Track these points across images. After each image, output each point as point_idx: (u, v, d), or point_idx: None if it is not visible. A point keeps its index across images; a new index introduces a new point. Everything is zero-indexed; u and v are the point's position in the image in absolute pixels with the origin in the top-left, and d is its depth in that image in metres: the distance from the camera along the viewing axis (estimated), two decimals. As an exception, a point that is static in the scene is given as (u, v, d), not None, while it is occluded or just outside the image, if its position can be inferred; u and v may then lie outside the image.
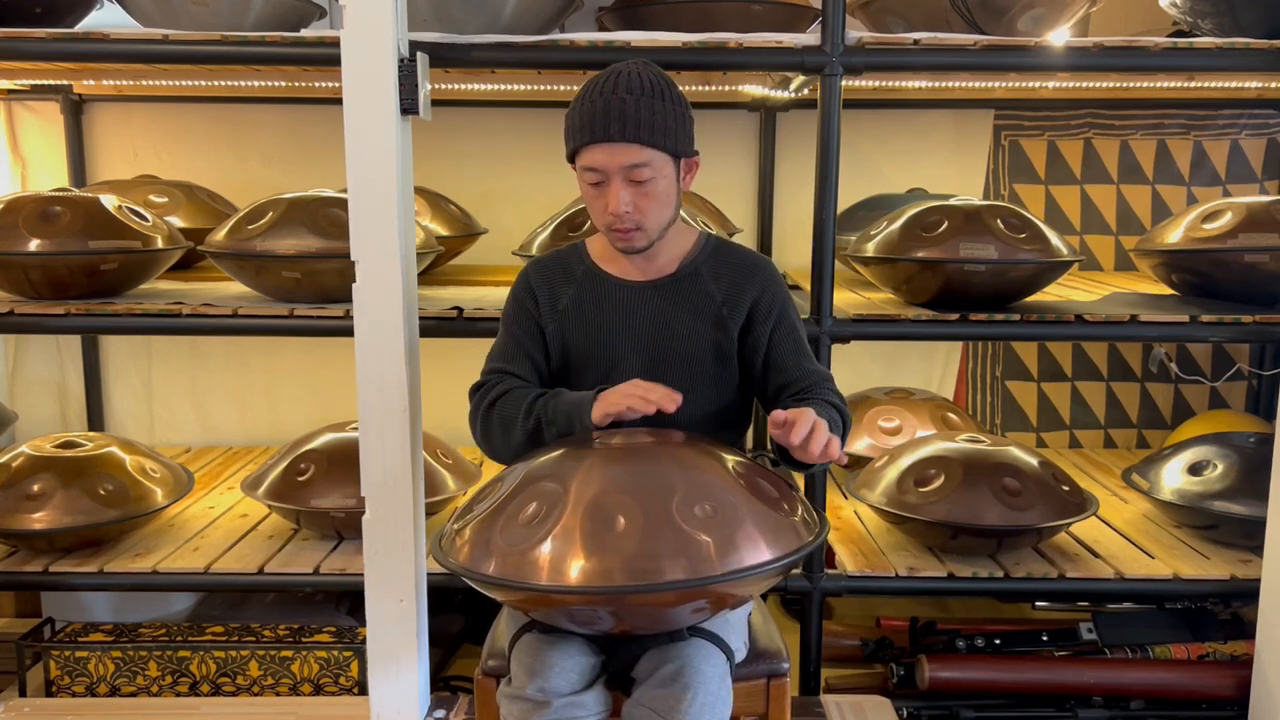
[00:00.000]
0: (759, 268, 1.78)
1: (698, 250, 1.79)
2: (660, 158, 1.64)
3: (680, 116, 1.67)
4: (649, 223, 1.67)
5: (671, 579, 1.34)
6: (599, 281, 1.78)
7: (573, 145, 1.66)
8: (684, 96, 1.69)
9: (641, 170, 1.63)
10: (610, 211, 1.65)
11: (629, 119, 1.60)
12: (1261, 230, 2.40)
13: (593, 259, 1.80)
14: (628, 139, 1.61)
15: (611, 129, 1.60)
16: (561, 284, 1.79)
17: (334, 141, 2.08)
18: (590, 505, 1.41)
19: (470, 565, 1.44)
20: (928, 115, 3.28)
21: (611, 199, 1.64)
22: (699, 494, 1.43)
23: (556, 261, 1.83)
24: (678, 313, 1.74)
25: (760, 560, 1.39)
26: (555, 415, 1.66)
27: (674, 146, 1.66)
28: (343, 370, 3.15)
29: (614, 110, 1.61)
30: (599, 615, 1.43)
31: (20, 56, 2.26)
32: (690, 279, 1.76)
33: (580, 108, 1.64)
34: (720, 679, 1.51)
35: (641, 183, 1.64)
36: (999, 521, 2.32)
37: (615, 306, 1.75)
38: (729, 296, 1.75)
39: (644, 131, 1.61)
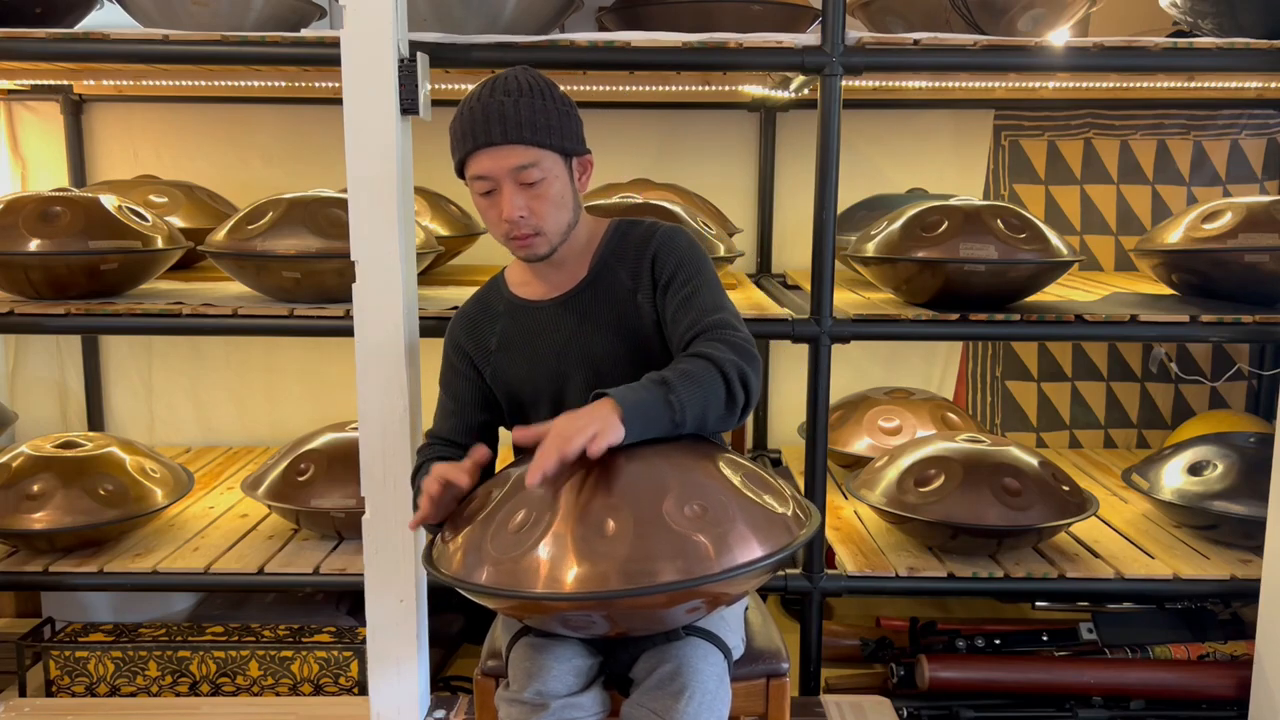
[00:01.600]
0: (653, 238, 1.70)
1: (604, 243, 1.73)
2: (548, 157, 1.60)
3: (564, 115, 1.63)
4: (547, 226, 1.62)
5: (664, 581, 1.34)
6: (520, 312, 1.74)
7: (458, 156, 1.62)
8: (567, 96, 1.65)
9: (530, 171, 1.59)
10: (505, 219, 1.60)
11: (509, 120, 1.57)
12: (1261, 230, 2.40)
13: (511, 289, 1.77)
14: (510, 140, 1.57)
15: (494, 132, 1.57)
16: (486, 326, 1.76)
17: (334, 141, 2.08)
18: (579, 510, 1.41)
19: (462, 574, 1.43)
20: (928, 115, 3.28)
21: (505, 205, 1.59)
22: (689, 494, 1.42)
23: (478, 305, 1.80)
24: (599, 320, 1.70)
25: (753, 557, 1.39)
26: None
27: (560, 144, 1.61)
28: (343, 370, 3.16)
29: (493, 113, 1.57)
30: (593, 620, 1.43)
31: (20, 56, 2.26)
32: (603, 276, 1.71)
33: (460, 118, 1.61)
34: (718, 678, 1.50)
35: (533, 184, 1.59)
36: (999, 521, 2.32)
37: (542, 331, 1.72)
38: (635, 277, 1.69)
39: (527, 130, 1.57)
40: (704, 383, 1.49)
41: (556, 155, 1.62)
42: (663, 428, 1.48)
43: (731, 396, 1.52)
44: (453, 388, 1.79)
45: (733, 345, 1.54)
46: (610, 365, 1.69)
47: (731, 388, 1.51)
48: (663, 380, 1.49)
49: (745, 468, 1.55)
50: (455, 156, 1.64)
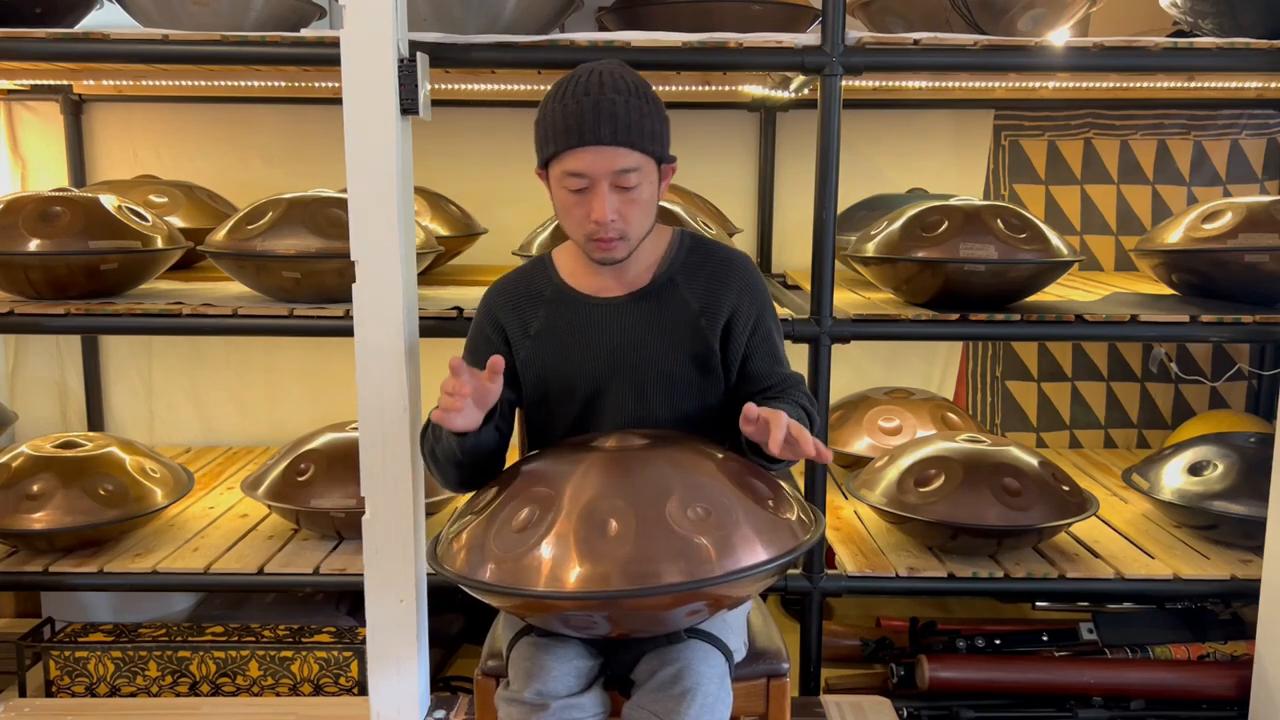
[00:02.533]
0: (734, 271, 1.70)
1: (672, 254, 1.71)
2: (648, 163, 1.57)
3: (663, 121, 1.61)
4: (632, 231, 1.59)
5: (667, 582, 1.34)
6: (571, 303, 1.70)
7: (554, 148, 1.56)
8: (661, 100, 1.63)
9: (630, 176, 1.54)
10: (594, 220, 1.56)
11: (619, 121, 1.52)
12: (1261, 230, 2.40)
13: (561, 277, 1.72)
14: (619, 142, 1.52)
15: (603, 131, 1.52)
16: (530, 308, 1.71)
17: (334, 141, 2.08)
18: (584, 510, 1.41)
19: (466, 572, 1.44)
20: (928, 115, 3.28)
21: (597, 206, 1.55)
22: (693, 496, 1.42)
23: (521, 283, 1.74)
24: (655, 328, 1.67)
25: (757, 560, 1.39)
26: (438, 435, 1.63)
27: (659, 151, 1.59)
28: (343, 370, 3.15)
29: (604, 111, 1.52)
30: (595, 620, 1.43)
31: (20, 56, 2.26)
32: (666, 289, 1.68)
33: (562, 108, 1.55)
34: (720, 680, 1.50)
35: (629, 189, 1.55)
36: (999, 521, 2.32)
37: (591, 327, 1.67)
38: (705, 305, 1.67)
39: (634, 135, 1.53)
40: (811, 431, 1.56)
41: (653, 161, 1.59)
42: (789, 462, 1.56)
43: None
44: (480, 355, 1.70)
45: (813, 402, 1.69)
46: (655, 377, 1.67)
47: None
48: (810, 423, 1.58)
49: (750, 471, 1.55)
50: (549, 148, 1.57)
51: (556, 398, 1.71)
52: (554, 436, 1.72)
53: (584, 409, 1.69)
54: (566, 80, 1.58)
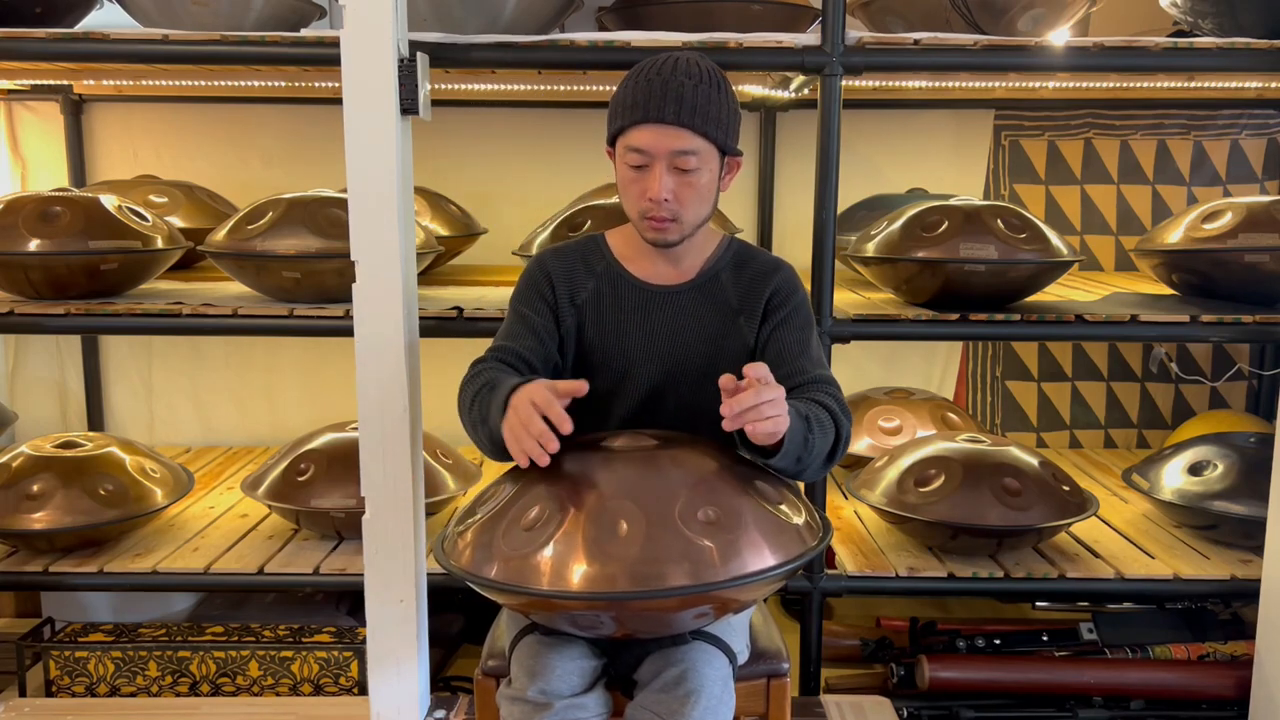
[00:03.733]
0: (778, 270, 1.73)
1: (719, 255, 1.74)
2: (709, 149, 1.59)
3: (733, 112, 1.63)
4: (686, 215, 1.62)
5: (674, 585, 1.34)
6: (620, 281, 1.72)
7: (620, 123, 1.60)
8: (735, 94, 1.65)
9: (689, 158, 1.57)
10: (649, 197, 1.59)
11: (685, 102, 1.55)
12: (1261, 230, 2.40)
13: (614, 256, 1.75)
14: (682, 123, 1.56)
15: (666, 110, 1.55)
16: (582, 276, 1.73)
17: (334, 141, 2.08)
18: (593, 510, 1.41)
19: (472, 569, 1.44)
20: (928, 115, 3.28)
21: (653, 183, 1.58)
22: (702, 499, 1.42)
23: (576, 252, 1.76)
24: (696, 321, 1.70)
25: (764, 566, 1.39)
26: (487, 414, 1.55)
27: (724, 140, 1.61)
28: (343, 370, 3.16)
29: (671, 92, 1.55)
30: (601, 620, 1.43)
31: (20, 56, 2.26)
32: (710, 285, 1.72)
33: (634, 86, 1.58)
34: (723, 682, 1.50)
35: (686, 171, 1.58)
36: (999, 521, 2.32)
37: (634, 309, 1.71)
38: (745, 303, 1.71)
39: (698, 118, 1.56)
40: (827, 434, 1.55)
41: (715, 149, 1.61)
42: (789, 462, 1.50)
43: (834, 453, 1.58)
44: (533, 306, 1.71)
45: (843, 408, 1.61)
46: (686, 369, 1.69)
47: (838, 444, 1.57)
48: (806, 418, 1.51)
49: (759, 474, 1.54)
50: (616, 123, 1.61)
51: (586, 372, 1.71)
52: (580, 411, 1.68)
53: (614, 388, 1.70)
54: (645, 62, 1.62)
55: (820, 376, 1.66)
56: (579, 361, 1.73)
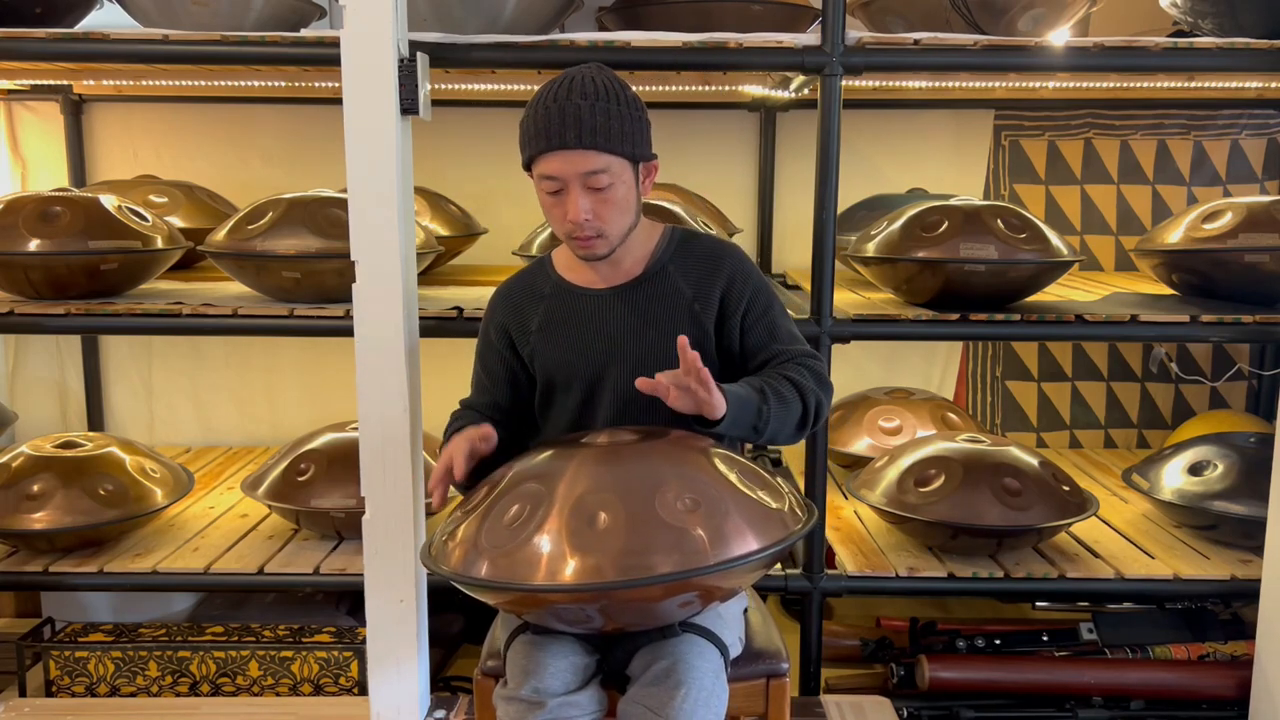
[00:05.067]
0: (725, 256, 1.75)
1: (663, 247, 1.76)
2: (618, 163, 1.62)
3: (636, 120, 1.65)
4: (610, 230, 1.65)
5: (659, 573, 1.34)
6: (567, 295, 1.76)
7: (528, 154, 1.64)
8: (639, 99, 1.67)
9: (600, 177, 1.60)
10: (570, 220, 1.62)
11: (584, 125, 1.58)
12: (1261, 230, 2.40)
13: (559, 272, 1.79)
14: (584, 145, 1.58)
15: (568, 136, 1.58)
16: (530, 306, 1.78)
17: (334, 141, 2.08)
18: (574, 503, 1.42)
19: (459, 569, 1.44)
20: (928, 115, 3.28)
21: (571, 207, 1.61)
22: (683, 488, 1.43)
23: (522, 283, 1.81)
24: (650, 314, 1.72)
25: (748, 550, 1.39)
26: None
27: (631, 151, 1.63)
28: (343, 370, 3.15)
29: (569, 116, 1.58)
30: (588, 613, 1.43)
31: (20, 56, 2.26)
32: (658, 277, 1.74)
33: (534, 115, 1.62)
34: (714, 674, 1.50)
35: (600, 189, 1.61)
36: (999, 521, 2.32)
37: (587, 318, 1.74)
38: (699, 290, 1.73)
39: (600, 137, 1.59)
40: (789, 404, 1.61)
41: (625, 161, 1.63)
42: (743, 430, 1.58)
43: (804, 420, 1.64)
44: (487, 363, 1.83)
45: (814, 373, 1.68)
46: (653, 362, 1.70)
47: (807, 413, 1.64)
48: (760, 390, 1.59)
49: (740, 464, 1.55)
50: (525, 154, 1.65)
51: (561, 386, 1.76)
52: (560, 424, 1.77)
53: (586, 396, 1.74)
54: (544, 87, 1.65)
55: (788, 352, 1.71)
56: (550, 379, 1.77)
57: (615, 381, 1.71)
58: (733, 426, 1.55)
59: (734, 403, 1.54)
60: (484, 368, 1.83)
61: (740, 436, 1.62)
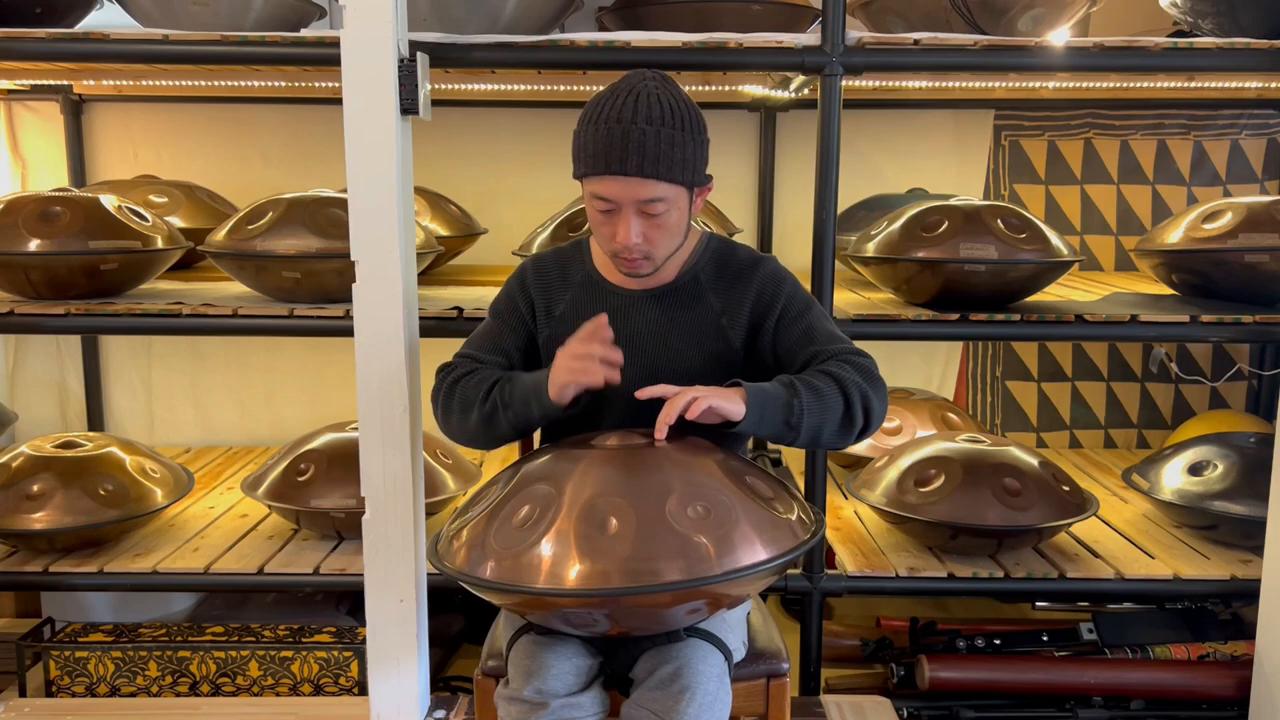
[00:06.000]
0: (755, 269, 1.72)
1: (698, 255, 1.74)
2: (676, 191, 1.57)
3: (699, 145, 1.59)
4: (658, 252, 1.62)
5: (667, 580, 1.34)
6: (597, 289, 1.73)
7: (583, 170, 1.58)
8: (702, 119, 1.60)
9: (656, 205, 1.55)
10: (619, 242, 1.58)
11: (648, 154, 1.52)
12: (1261, 230, 2.40)
13: (594, 264, 1.76)
14: (645, 174, 1.52)
15: (629, 163, 1.52)
16: (559, 288, 1.74)
17: (334, 141, 2.09)
18: (584, 507, 1.41)
19: (466, 569, 1.44)
20: (928, 115, 3.28)
21: (621, 230, 1.57)
22: (693, 495, 1.43)
23: (556, 262, 1.78)
24: (676, 324, 1.70)
25: (756, 560, 1.39)
26: (512, 399, 1.60)
27: (691, 179, 1.59)
28: (343, 370, 3.16)
29: (633, 143, 1.51)
30: (594, 617, 1.43)
31: (20, 56, 2.26)
32: (689, 288, 1.71)
33: (594, 132, 1.55)
34: (719, 679, 1.50)
35: (655, 215, 1.57)
36: (999, 521, 2.32)
37: (613, 316, 1.69)
38: (727, 305, 1.70)
39: (663, 167, 1.53)
40: (826, 397, 1.54)
41: (683, 189, 1.59)
42: (776, 427, 1.52)
43: (850, 416, 1.56)
44: (504, 319, 1.76)
45: (859, 368, 1.59)
46: (671, 372, 1.67)
47: (851, 408, 1.56)
48: (790, 384, 1.53)
49: (751, 470, 1.55)
50: (579, 169, 1.59)
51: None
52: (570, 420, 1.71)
53: (598, 396, 1.69)
54: (604, 97, 1.58)
55: (828, 351, 1.64)
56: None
57: (630, 387, 1.66)
58: (759, 425, 1.51)
59: (757, 399, 1.50)
60: (498, 327, 1.76)
61: (774, 437, 1.55)
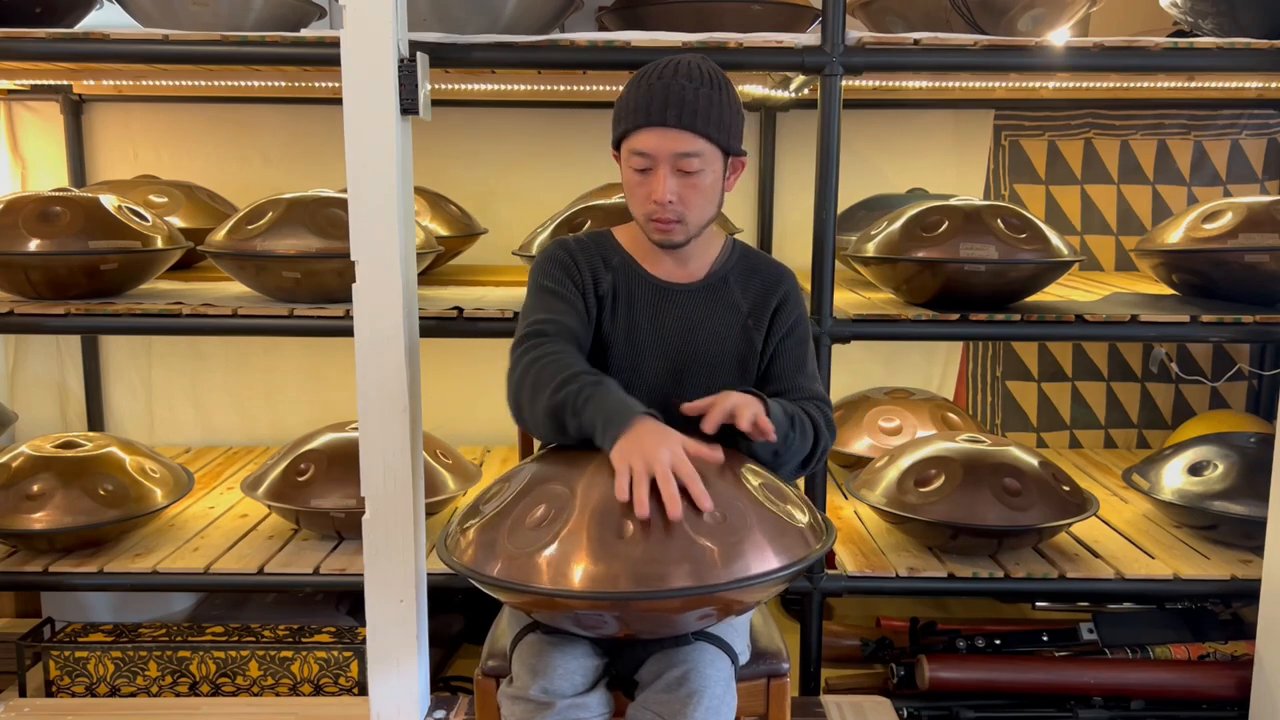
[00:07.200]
0: (784, 279, 1.75)
1: (726, 256, 1.75)
2: (712, 150, 1.60)
3: (736, 113, 1.63)
4: (691, 216, 1.62)
5: (678, 586, 1.34)
6: (635, 277, 1.72)
7: (624, 127, 1.61)
8: (738, 95, 1.65)
9: (692, 160, 1.58)
10: (654, 199, 1.59)
11: (686, 106, 1.56)
12: (1261, 230, 2.40)
13: (626, 249, 1.74)
14: (684, 126, 1.56)
15: (669, 114, 1.56)
16: (601, 267, 1.72)
17: (334, 141, 2.08)
18: (598, 510, 1.41)
19: (476, 566, 1.43)
20: (928, 115, 3.28)
21: (657, 186, 1.59)
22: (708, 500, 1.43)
23: (593, 244, 1.74)
24: (706, 320, 1.71)
25: (767, 569, 1.39)
26: (582, 409, 1.51)
27: (726, 141, 1.61)
28: (343, 370, 3.16)
29: (673, 96, 1.56)
30: (604, 619, 1.43)
31: (20, 56, 2.26)
32: (719, 286, 1.73)
33: (636, 90, 1.60)
34: (725, 683, 1.50)
35: (690, 173, 1.59)
36: (999, 521, 2.32)
37: (648, 306, 1.71)
38: (755, 307, 1.72)
39: (700, 121, 1.57)
40: (807, 439, 1.64)
41: (718, 150, 1.61)
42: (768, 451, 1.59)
43: (809, 461, 1.67)
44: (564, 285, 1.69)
45: (828, 420, 1.70)
46: (697, 368, 1.70)
47: (813, 455, 1.66)
48: (792, 418, 1.61)
49: (765, 477, 1.55)
50: (620, 127, 1.62)
51: (599, 364, 1.70)
52: None
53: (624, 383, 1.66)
54: (649, 65, 1.63)
55: (813, 392, 1.73)
56: (592, 354, 1.71)
57: (648, 378, 1.69)
58: (764, 445, 1.56)
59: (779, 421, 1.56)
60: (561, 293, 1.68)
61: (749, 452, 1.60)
